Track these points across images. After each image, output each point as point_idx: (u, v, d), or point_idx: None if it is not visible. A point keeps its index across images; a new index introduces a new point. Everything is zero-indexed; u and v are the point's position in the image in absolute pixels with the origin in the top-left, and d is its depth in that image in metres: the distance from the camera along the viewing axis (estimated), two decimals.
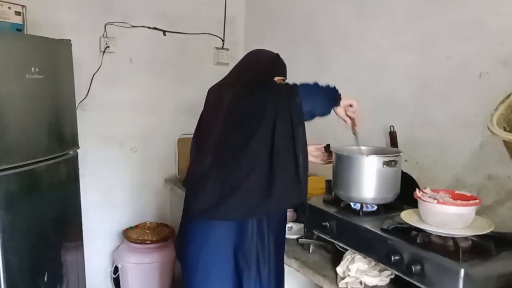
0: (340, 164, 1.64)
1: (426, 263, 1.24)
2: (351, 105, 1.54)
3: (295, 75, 2.63)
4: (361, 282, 1.43)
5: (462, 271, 1.15)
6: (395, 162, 1.57)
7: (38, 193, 2.04)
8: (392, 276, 1.44)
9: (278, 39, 2.79)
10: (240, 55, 3.21)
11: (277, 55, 1.66)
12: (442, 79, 1.84)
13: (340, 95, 1.51)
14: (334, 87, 1.51)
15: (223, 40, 3.16)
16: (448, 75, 1.82)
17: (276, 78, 1.61)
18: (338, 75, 2.37)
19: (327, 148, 1.77)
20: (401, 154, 1.61)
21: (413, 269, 1.25)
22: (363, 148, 1.75)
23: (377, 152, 1.66)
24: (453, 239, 1.27)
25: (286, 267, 1.69)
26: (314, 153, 1.69)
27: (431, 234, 1.32)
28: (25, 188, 1.95)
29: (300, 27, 2.66)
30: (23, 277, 1.96)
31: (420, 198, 1.36)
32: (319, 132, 1.62)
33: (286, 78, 1.66)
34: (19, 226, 1.92)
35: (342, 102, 1.52)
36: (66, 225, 2.29)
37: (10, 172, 1.85)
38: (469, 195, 1.39)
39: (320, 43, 2.52)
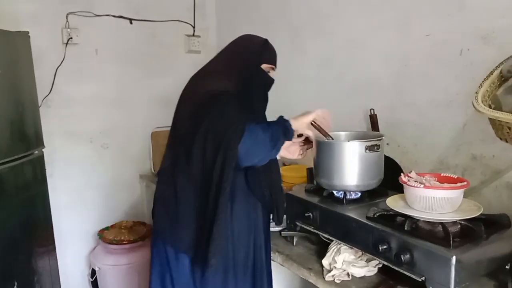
0: (321, 151, 1.57)
1: (415, 251, 1.19)
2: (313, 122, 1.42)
3: None
4: (348, 274, 1.37)
5: (454, 258, 1.10)
6: (378, 146, 1.51)
7: (3, 196, 1.91)
8: (380, 266, 1.38)
9: (251, 23, 2.69)
10: (212, 42, 3.14)
11: (266, 40, 1.53)
12: (422, 58, 1.79)
13: (290, 126, 1.35)
14: (283, 121, 1.36)
15: (193, 27, 3.04)
16: (428, 53, 1.76)
17: (264, 66, 1.49)
18: (314, 59, 2.31)
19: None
20: (383, 138, 1.55)
21: (402, 258, 1.20)
22: (343, 133, 1.68)
23: (359, 137, 1.60)
24: (442, 224, 1.22)
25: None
26: (290, 148, 1.54)
27: (418, 220, 1.27)
28: None
29: (273, 10, 2.57)
30: None
31: (405, 183, 1.31)
32: None
33: (275, 67, 1.54)
34: None
35: (303, 121, 1.39)
36: (36, 229, 2.17)
37: None
38: (455, 177, 1.34)
39: (295, 26, 2.43)
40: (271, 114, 1.95)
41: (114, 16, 2.71)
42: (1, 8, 2.28)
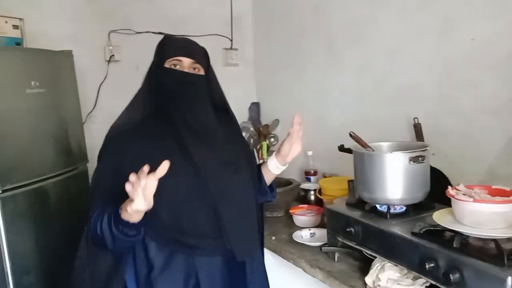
0: (362, 163, 1.51)
1: (465, 270, 1.11)
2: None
3: (308, 71, 2.53)
4: None
5: (510, 279, 1.01)
6: (423, 157, 1.44)
7: (48, 211, 1.97)
8: (428, 285, 1.30)
9: (287, 34, 2.67)
10: (249, 54, 3.14)
11: (164, 36, 1.46)
12: (466, 63, 1.70)
13: (113, 229, 1.13)
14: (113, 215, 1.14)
15: (231, 40, 3.06)
16: (473, 58, 1.68)
17: (167, 64, 1.32)
18: (352, 67, 2.26)
19: (341, 148, 1.63)
20: (428, 148, 1.48)
21: (451, 277, 1.13)
22: (385, 144, 1.62)
23: (402, 147, 1.53)
24: (495, 241, 1.14)
25: (310, 278, 1.57)
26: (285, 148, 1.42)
27: (468, 236, 1.19)
28: (33, 207, 1.88)
29: (309, 20, 2.53)
30: None
31: (453, 196, 1.23)
32: (333, 131, 1.47)
33: (180, 56, 1.32)
34: (29, 246, 1.86)
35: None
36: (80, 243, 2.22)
37: (16, 191, 1.79)
38: (508, 189, 1.25)
39: (331, 35, 2.39)
40: (310, 125, 1.90)
41: (153, 32, 2.76)
42: (46, 29, 2.36)
